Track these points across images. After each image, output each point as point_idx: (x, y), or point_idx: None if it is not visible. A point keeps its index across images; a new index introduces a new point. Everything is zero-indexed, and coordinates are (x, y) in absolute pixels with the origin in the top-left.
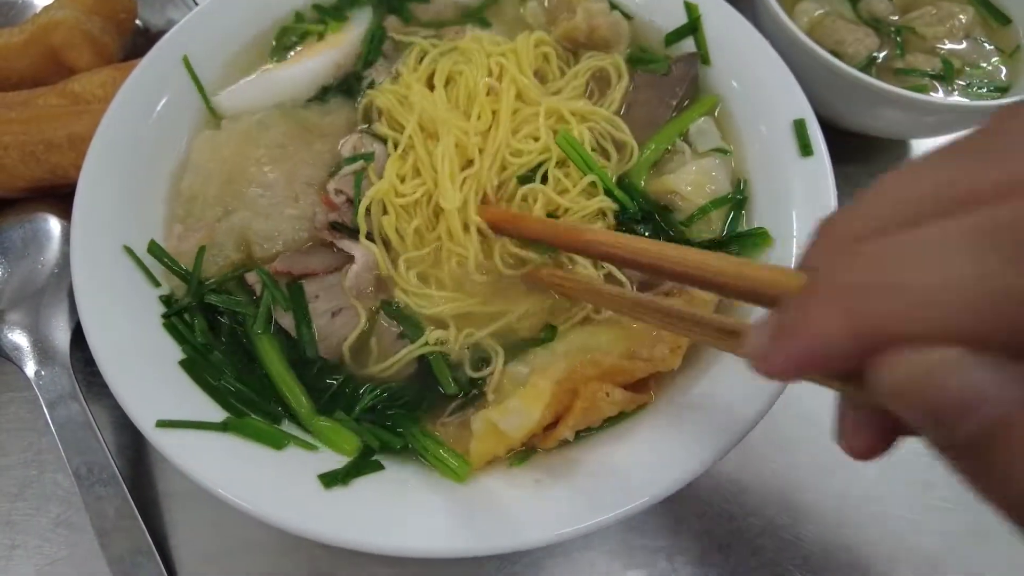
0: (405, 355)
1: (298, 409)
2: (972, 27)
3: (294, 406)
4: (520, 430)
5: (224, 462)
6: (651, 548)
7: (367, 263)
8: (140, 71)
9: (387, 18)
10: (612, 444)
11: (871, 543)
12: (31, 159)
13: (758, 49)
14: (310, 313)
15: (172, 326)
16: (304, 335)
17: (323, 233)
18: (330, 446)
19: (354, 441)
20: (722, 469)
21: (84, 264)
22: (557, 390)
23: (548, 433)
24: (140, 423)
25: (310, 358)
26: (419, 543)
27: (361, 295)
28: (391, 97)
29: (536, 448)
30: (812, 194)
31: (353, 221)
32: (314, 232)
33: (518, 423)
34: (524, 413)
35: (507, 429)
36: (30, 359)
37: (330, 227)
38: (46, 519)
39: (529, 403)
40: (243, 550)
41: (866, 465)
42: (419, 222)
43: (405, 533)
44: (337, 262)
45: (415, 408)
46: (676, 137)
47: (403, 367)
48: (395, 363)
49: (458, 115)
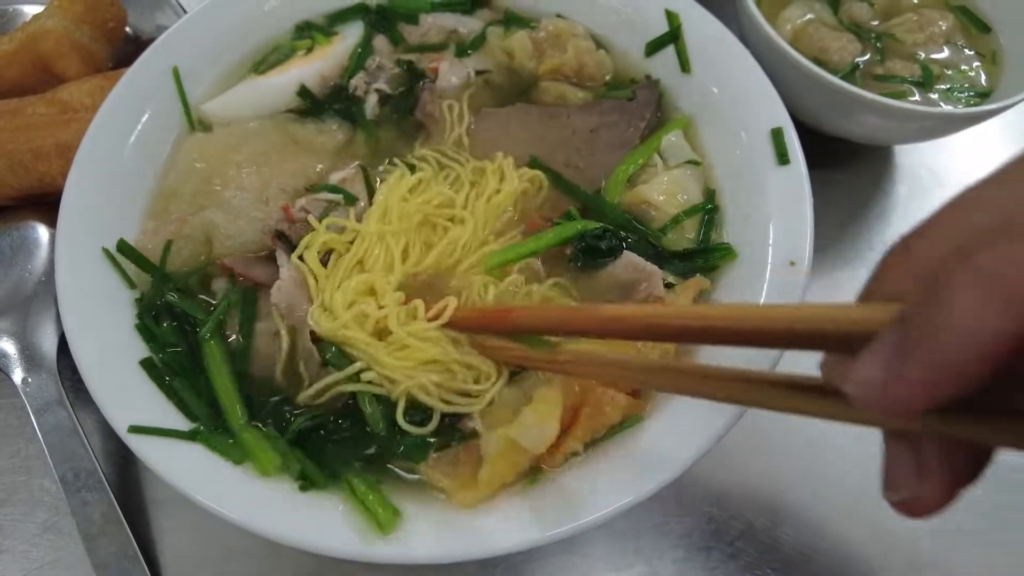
0: (323, 386)
1: (231, 417)
2: (953, 33)
3: (228, 414)
4: (541, 443)
5: (198, 467)
6: (632, 550)
7: (292, 279)
8: (127, 80)
9: (376, 37)
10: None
11: (852, 546)
12: (19, 168)
13: (738, 57)
14: (255, 327)
15: (144, 328)
16: (242, 346)
17: (266, 238)
18: (252, 460)
19: (276, 460)
20: (702, 472)
21: (67, 269)
22: (565, 401)
23: (553, 451)
24: (117, 427)
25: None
26: (399, 550)
27: (292, 310)
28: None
29: (542, 468)
30: (789, 203)
31: (298, 239)
32: (263, 234)
33: (539, 436)
34: (542, 426)
35: (528, 445)
36: (17, 366)
37: (276, 235)
38: (33, 524)
39: (544, 416)
40: (228, 555)
41: (846, 470)
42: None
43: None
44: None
45: (354, 446)
46: (650, 154)
47: (333, 398)
48: (318, 392)
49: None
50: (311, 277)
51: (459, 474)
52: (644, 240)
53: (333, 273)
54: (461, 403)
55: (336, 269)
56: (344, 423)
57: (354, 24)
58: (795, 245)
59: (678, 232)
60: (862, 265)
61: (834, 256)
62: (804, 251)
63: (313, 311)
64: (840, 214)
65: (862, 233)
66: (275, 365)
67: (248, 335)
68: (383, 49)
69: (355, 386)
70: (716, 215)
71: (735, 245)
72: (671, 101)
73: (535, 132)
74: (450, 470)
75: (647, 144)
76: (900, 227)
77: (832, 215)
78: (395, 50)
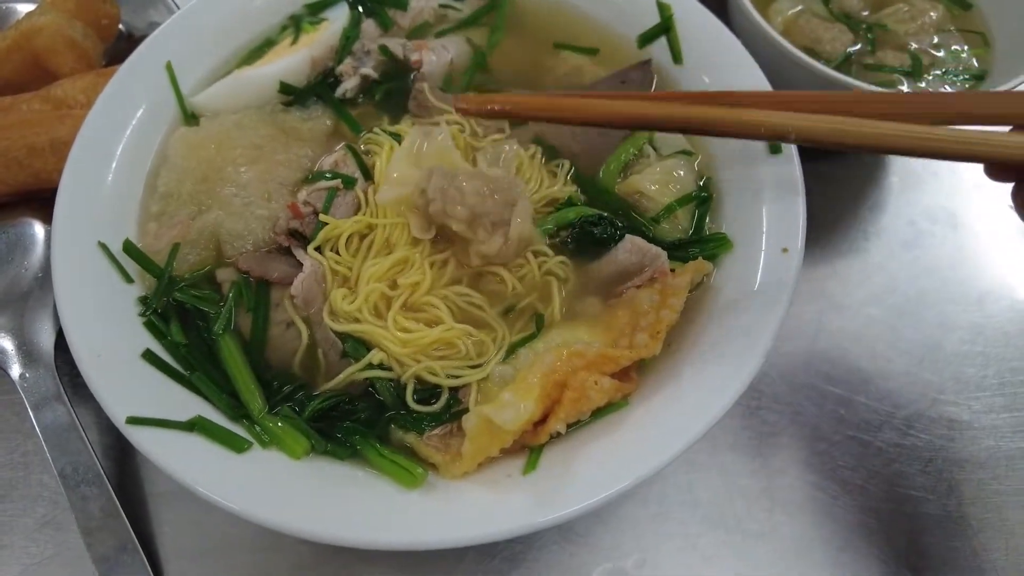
0: (345, 376)
1: (252, 408)
2: (943, 22)
3: (248, 404)
4: (515, 422)
5: (196, 457)
6: (628, 540)
7: (315, 273)
8: (120, 76)
9: (364, 21)
10: (596, 434)
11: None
12: (14, 164)
13: (729, 48)
14: (269, 319)
15: (152, 324)
16: (257, 337)
17: (280, 238)
18: (280, 446)
19: (304, 444)
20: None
21: (64, 264)
22: (546, 382)
23: (538, 429)
24: (115, 418)
25: (265, 361)
26: (393, 536)
27: (309, 304)
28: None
29: (529, 446)
30: (781, 190)
31: (313, 233)
32: (274, 236)
33: (513, 415)
34: (518, 405)
35: (502, 423)
36: (15, 362)
37: (288, 233)
38: (32, 519)
39: (521, 395)
40: (227, 548)
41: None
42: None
43: (379, 527)
44: (296, 272)
45: (372, 425)
46: (643, 141)
47: (352, 384)
48: (338, 383)
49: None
50: (333, 268)
51: (450, 448)
52: (637, 229)
53: (360, 255)
54: (467, 374)
55: (361, 251)
56: (359, 404)
57: (340, 8)
58: (788, 232)
59: (671, 222)
60: (856, 255)
61: (828, 246)
62: (797, 238)
63: (334, 296)
64: (834, 205)
65: (856, 224)
66: (293, 355)
67: (262, 327)
68: (372, 33)
69: (370, 372)
70: (709, 204)
71: (729, 234)
72: (662, 89)
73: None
74: (442, 445)
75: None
76: (893, 218)
77: (826, 206)
78: (384, 34)
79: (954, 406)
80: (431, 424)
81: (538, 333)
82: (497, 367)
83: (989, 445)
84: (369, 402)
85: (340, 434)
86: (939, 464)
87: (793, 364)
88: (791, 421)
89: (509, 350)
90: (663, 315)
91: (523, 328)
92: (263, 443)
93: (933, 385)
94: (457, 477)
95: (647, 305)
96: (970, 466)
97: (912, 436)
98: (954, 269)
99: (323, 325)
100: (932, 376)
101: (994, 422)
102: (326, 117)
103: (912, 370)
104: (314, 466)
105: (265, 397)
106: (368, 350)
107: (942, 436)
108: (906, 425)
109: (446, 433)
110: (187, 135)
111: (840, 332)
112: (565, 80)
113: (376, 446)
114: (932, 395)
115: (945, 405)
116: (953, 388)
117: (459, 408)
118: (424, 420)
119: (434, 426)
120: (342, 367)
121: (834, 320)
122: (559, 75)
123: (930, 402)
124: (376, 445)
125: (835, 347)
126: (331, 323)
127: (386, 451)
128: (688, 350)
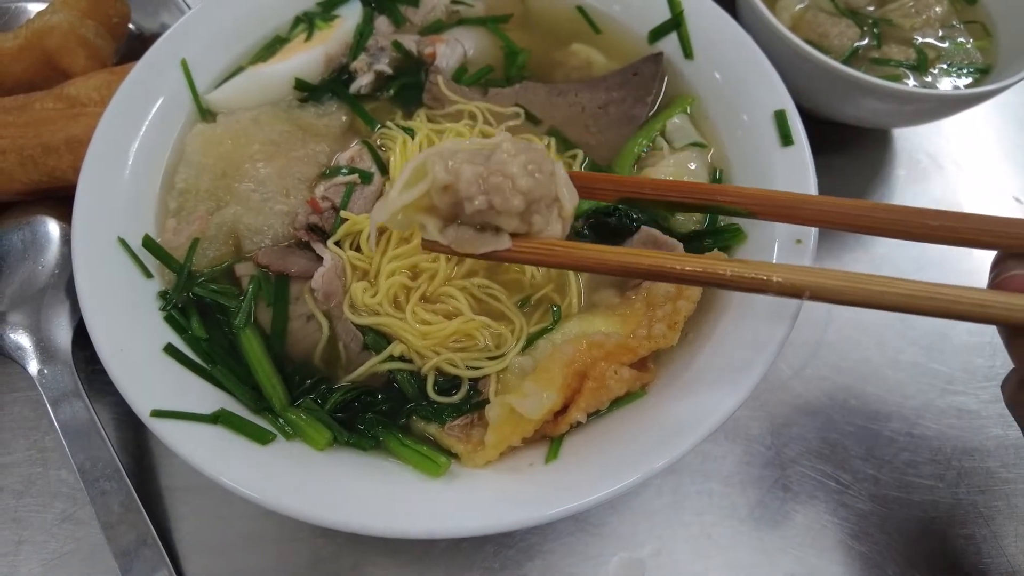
0: (367, 368)
1: (274, 400)
2: (948, 16)
3: (270, 397)
4: (538, 411)
5: (221, 449)
6: (643, 530)
7: (335, 267)
8: (135, 74)
9: (377, 18)
10: (614, 424)
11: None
12: (29, 163)
13: (739, 42)
14: (289, 312)
15: (172, 318)
16: (277, 331)
17: (300, 233)
18: (303, 438)
19: (327, 435)
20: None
21: (85, 261)
22: (567, 372)
23: (559, 419)
24: (139, 411)
25: (285, 354)
26: (412, 525)
27: (329, 297)
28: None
29: (550, 436)
30: (794, 181)
31: (332, 228)
32: (293, 231)
33: (536, 405)
34: (541, 395)
35: (526, 412)
36: (33, 358)
37: (308, 228)
38: (52, 515)
39: (544, 385)
40: (246, 541)
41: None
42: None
43: (404, 515)
44: (315, 266)
45: (394, 416)
46: (656, 133)
47: (373, 376)
48: (360, 375)
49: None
50: (353, 263)
51: (472, 438)
52: (652, 221)
53: (380, 248)
54: (487, 366)
55: (380, 244)
56: (380, 396)
57: (353, 5)
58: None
59: (685, 214)
60: (863, 249)
61: (836, 240)
62: (810, 230)
63: (354, 290)
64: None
65: None
66: (313, 348)
67: (282, 321)
68: (385, 30)
69: (391, 364)
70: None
71: (743, 226)
72: (674, 84)
73: (544, 110)
74: (463, 435)
75: (652, 123)
76: None
77: None
78: (397, 30)
79: (963, 396)
80: (452, 415)
81: (556, 324)
82: (516, 358)
83: (997, 434)
84: (390, 394)
85: (362, 425)
86: (948, 453)
87: (804, 354)
88: (802, 412)
89: (528, 341)
90: (680, 306)
91: (540, 319)
92: (287, 435)
93: (942, 375)
94: (480, 466)
95: (663, 296)
96: (979, 454)
97: (921, 425)
98: (961, 260)
99: (343, 318)
100: (941, 366)
101: (1002, 411)
102: (341, 113)
103: (921, 360)
104: (337, 457)
105: (287, 390)
106: (388, 342)
107: (951, 425)
108: (915, 415)
109: (467, 423)
110: (204, 131)
111: (849, 323)
112: (576, 74)
113: (399, 436)
114: (941, 385)
115: (954, 395)
116: (962, 378)
117: (479, 399)
118: (445, 411)
119: (455, 417)
120: (363, 359)
121: (843, 311)
122: (569, 68)
123: (939, 392)
124: (399, 435)
125: (845, 338)
126: (352, 316)
127: (409, 441)
128: (704, 341)
